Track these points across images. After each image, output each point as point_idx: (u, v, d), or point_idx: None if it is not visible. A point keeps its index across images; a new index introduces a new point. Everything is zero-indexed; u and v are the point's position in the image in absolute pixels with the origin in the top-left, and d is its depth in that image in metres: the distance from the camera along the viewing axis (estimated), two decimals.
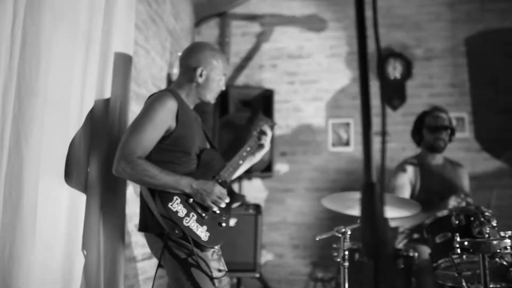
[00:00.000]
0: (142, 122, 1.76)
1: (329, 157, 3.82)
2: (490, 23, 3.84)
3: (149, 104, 1.81)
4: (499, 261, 1.83)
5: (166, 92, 1.85)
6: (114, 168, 1.71)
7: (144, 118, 1.76)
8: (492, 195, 2.60)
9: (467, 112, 3.74)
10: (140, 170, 1.68)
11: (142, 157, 1.71)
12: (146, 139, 1.73)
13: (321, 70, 3.99)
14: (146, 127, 1.73)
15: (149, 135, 1.73)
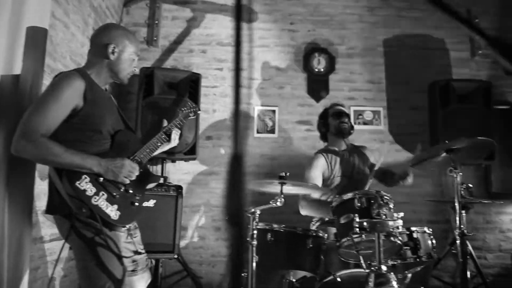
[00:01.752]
0: (46, 100, 1.71)
1: (254, 143, 3.93)
2: (405, 29, 4.16)
3: (54, 83, 1.76)
4: (393, 240, 2.03)
5: (73, 71, 1.82)
6: (13, 147, 1.65)
7: (48, 96, 1.71)
8: (417, 148, 2.87)
9: (382, 107, 4.03)
10: (44, 148, 1.64)
11: (46, 136, 1.66)
12: (50, 117, 1.68)
13: (250, 59, 4.06)
14: (50, 105, 1.68)
15: (53, 113, 1.69)
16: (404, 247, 2.25)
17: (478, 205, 3.87)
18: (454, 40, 4.18)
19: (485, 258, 3.87)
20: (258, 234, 2.37)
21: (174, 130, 2.12)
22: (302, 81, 4.04)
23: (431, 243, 2.37)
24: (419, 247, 2.28)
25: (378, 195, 2.08)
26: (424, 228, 2.39)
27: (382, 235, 1.98)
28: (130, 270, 2.02)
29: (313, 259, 2.35)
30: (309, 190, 2.54)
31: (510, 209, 3.93)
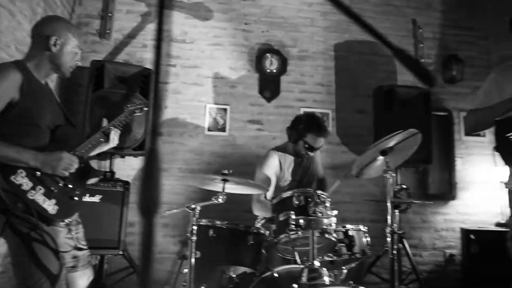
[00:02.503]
0: None
1: (205, 140, 3.96)
2: (355, 34, 4.32)
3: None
4: (328, 236, 2.14)
5: (9, 63, 1.78)
6: None
7: None
8: (334, 184, 2.94)
9: (331, 109, 4.17)
10: None
11: None
12: None
13: (203, 57, 4.09)
14: None
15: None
16: (340, 244, 2.38)
17: (416, 206, 4.10)
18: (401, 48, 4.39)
19: (421, 255, 4.11)
20: (200, 230, 2.42)
21: (113, 130, 2.11)
22: (254, 81, 4.11)
23: (366, 241, 2.50)
24: (354, 244, 2.41)
25: (315, 194, 2.18)
26: (360, 226, 2.51)
27: (317, 232, 2.08)
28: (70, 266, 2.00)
29: (253, 255, 2.41)
30: (256, 189, 2.59)
31: (444, 210, 4.19)
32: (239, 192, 2.46)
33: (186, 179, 2.31)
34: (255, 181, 2.69)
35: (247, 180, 2.29)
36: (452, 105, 4.35)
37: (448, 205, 4.21)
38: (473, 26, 4.57)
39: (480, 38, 4.54)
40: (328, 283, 1.96)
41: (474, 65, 4.44)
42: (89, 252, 2.15)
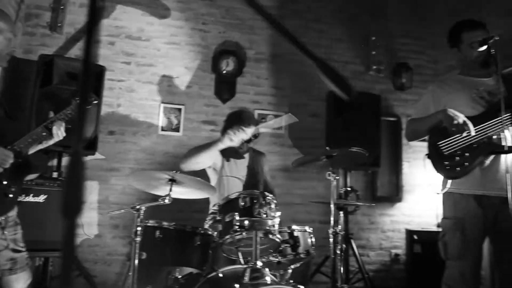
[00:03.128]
0: None
1: (158, 140, 3.92)
2: (311, 39, 4.41)
3: None
4: (272, 237, 2.18)
5: None
6: None
7: None
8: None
9: (285, 112, 4.23)
10: None
11: None
12: None
13: (159, 55, 4.05)
14: None
15: None
16: (285, 244, 2.43)
17: (364, 207, 4.24)
18: (353, 54, 4.54)
19: (368, 255, 4.26)
20: (146, 231, 2.40)
21: (56, 124, 2.05)
22: (210, 82, 4.11)
23: (311, 241, 2.57)
24: (298, 245, 2.47)
25: (261, 195, 2.22)
26: (305, 227, 2.58)
27: (260, 233, 2.11)
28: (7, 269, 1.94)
29: (200, 256, 2.42)
30: (204, 190, 2.59)
31: (391, 211, 4.37)
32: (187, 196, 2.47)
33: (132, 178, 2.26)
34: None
35: (195, 177, 2.28)
36: (401, 111, 4.53)
37: (394, 207, 4.38)
38: (422, 37, 4.78)
39: (428, 48, 4.75)
40: (269, 283, 2.00)
41: (422, 73, 4.65)
42: (28, 254, 2.09)
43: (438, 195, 2.31)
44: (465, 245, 2.22)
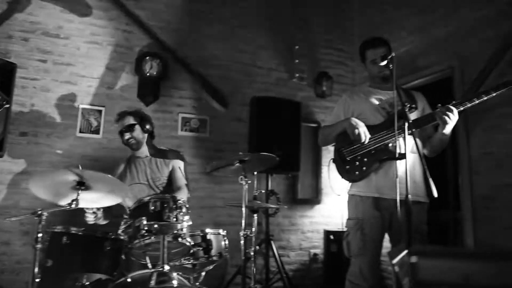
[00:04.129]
0: None
1: (75, 143, 3.78)
2: (237, 44, 4.50)
3: None
4: (182, 241, 2.21)
5: None
6: None
7: None
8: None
9: (209, 116, 4.27)
10: None
11: None
12: None
13: (78, 55, 3.91)
14: None
15: None
16: (197, 247, 2.47)
17: (285, 210, 4.39)
18: (278, 62, 4.69)
19: (288, 256, 4.41)
20: (53, 237, 2.33)
21: None
22: (133, 84, 4.04)
23: (224, 244, 2.63)
24: (211, 248, 2.52)
25: (172, 199, 2.24)
26: (219, 230, 2.64)
27: (169, 237, 2.13)
28: None
29: (110, 262, 2.39)
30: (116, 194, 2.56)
31: (311, 213, 4.56)
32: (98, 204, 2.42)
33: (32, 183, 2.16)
34: None
35: (105, 174, 2.20)
36: (322, 117, 4.75)
37: (314, 209, 4.58)
38: (342, 48, 5.06)
39: (348, 59, 5.04)
40: (176, 286, 2.02)
41: (341, 82, 4.91)
42: None
43: (339, 196, 2.46)
44: (364, 243, 2.39)
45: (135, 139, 3.08)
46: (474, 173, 3.64)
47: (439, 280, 0.65)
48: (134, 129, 3.09)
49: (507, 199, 3.37)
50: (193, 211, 3.73)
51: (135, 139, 3.08)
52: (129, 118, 3.11)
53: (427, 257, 0.67)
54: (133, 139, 3.08)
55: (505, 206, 3.37)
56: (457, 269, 0.64)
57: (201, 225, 2.87)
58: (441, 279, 0.65)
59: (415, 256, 0.66)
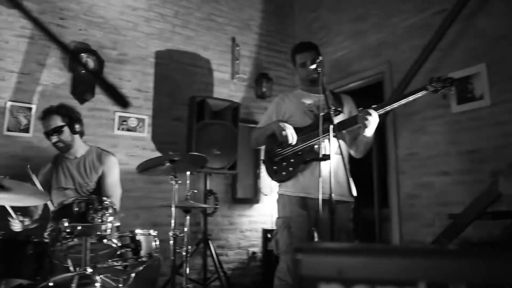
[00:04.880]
0: None
1: (2, 141, 3.60)
2: (177, 44, 4.48)
3: None
4: (107, 242, 2.18)
5: None
6: None
7: None
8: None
9: (148, 115, 4.22)
10: None
11: None
12: None
13: (7, 49, 3.72)
14: None
15: None
16: (126, 248, 2.44)
17: (224, 209, 4.44)
18: (219, 62, 4.72)
19: (227, 255, 4.45)
20: None
21: None
22: (67, 81, 3.91)
23: (155, 245, 2.62)
24: (140, 249, 2.50)
25: (97, 200, 2.20)
26: (150, 231, 2.62)
27: (93, 238, 2.09)
28: None
29: (33, 266, 2.30)
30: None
31: (249, 212, 4.63)
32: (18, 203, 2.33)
33: None
34: None
35: (23, 183, 2.15)
36: None
37: (253, 208, 4.66)
38: (283, 50, 5.17)
39: (288, 61, 5.13)
40: None
41: (281, 84, 5.03)
42: None
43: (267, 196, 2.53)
44: (291, 241, 2.47)
45: (64, 143, 2.90)
46: (400, 173, 3.86)
47: (318, 274, 0.71)
48: (62, 131, 2.88)
49: (427, 197, 3.62)
50: (129, 211, 3.75)
51: (63, 142, 2.89)
52: (56, 119, 2.88)
53: (308, 253, 0.73)
54: (61, 142, 2.89)
55: (426, 204, 3.61)
56: (333, 263, 0.70)
57: (137, 225, 2.85)
58: (319, 273, 0.71)
59: (299, 253, 0.72)
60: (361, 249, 0.74)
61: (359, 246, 0.74)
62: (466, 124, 3.39)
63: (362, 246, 0.75)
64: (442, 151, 3.54)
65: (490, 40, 3.27)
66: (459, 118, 3.44)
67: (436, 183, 3.56)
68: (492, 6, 3.28)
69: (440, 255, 0.66)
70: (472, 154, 3.34)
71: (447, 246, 0.57)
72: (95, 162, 3.01)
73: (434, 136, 3.61)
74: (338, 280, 0.67)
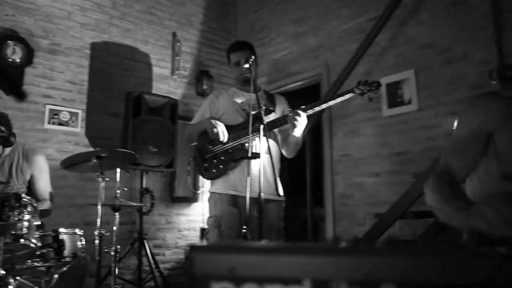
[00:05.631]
0: None
1: None
2: (114, 36, 4.32)
3: None
4: (25, 242, 2.05)
5: None
6: None
7: None
8: None
9: (81, 109, 4.03)
10: None
11: None
12: None
13: None
14: None
15: None
16: (47, 248, 2.31)
17: (162, 208, 4.35)
18: (158, 57, 4.61)
19: (164, 254, 4.36)
20: None
21: None
22: None
23: (80, 244, 2.50)
24: (63, 249, 2.38)
25: (14, 197, 2.06)
26: (76, 230, 2.50)
27: (8, 238, 1.97)
28: None
29: None
30: None
31: (187, 211, 4.57)
32: None
33: None
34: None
35: None
36: None
37: (191, 207, 4.60)
38: (225, 48, 5.10)
39: None
40: None
41: (222, 82, 5.01)
42: None
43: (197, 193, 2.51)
44: (221, 240, 2.46)
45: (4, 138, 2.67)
46: (335, 173, 3.98)
47: (210, 273, 0.70)
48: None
49: (359, 197, 3.76)
50: (61, 210, 3.56)
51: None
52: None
53: (201, 252, 0.71)
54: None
55: (358, 203, 3.76)
56: (224, 262, 0.69)
57: (69, 224, 2.72)
58: (211, 272, 0.70)
59: (193, 252, 0.70)
60: (251, 247, 0.74)
61: (249, 244, 0.74)
62: (395, 127, 3.56)
63: (253, 244, 0.75)
64: (373, 153, 3.70)
65: (418, 47, 3.46)
66: (389, 122, 3.60)
67: (367, 184, 3.71)
68: (420, 16, 3.47)
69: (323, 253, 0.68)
70: (400, 156, 3.52)
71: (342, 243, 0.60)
72: (22, 163, 2.82)
73: (366, 138, 3.76)
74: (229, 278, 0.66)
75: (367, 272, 0.64)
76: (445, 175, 1.23)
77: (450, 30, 3.27)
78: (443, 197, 1.12)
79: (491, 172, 1.20)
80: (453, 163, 1.29)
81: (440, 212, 1.15)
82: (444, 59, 3.28)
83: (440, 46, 3.32)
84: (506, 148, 1.16)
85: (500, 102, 1.20)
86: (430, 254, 0.62)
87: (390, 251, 0.65)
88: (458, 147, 1.31)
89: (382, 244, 0.67)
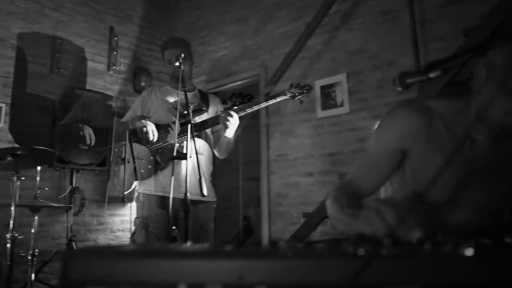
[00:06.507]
0: None
1: None
2: (45, 27, 4.10)
3: None
4: None
5: None
6: None
7: None
8: None
9: (6, 103, 3.78)
10: None
11: None
12: None
13: None
14: None
15: None
16: None
17: (93, 208, 4.18)
18: (94, 52, 4.43)
19: None
20: None
21: None
22: None
23: None
24: None
25: None
26: None
27: None
28: None
29: None
30: None
31: (121, 211, 4.43)
32: None
33: None
34: None
35: None
36: None
37: (126, 207, 4.47)
38: None
39: None
40: None
41: (161, 79, 4.90)
42: None
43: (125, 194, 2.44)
44: (148, 242, 2.41)
45: None
46: (271, 173, 4.03)
47: (85, 278, 0.67)
48: None
49: (294, 197, 3.83)
50: None
51: None
52: None
53: (77, 257, 0.68)
54: None
55: (293, 203, 3.83)
56: (101, 266, 0.66)
57: None
58: (87, 277, 0.67)
59: (67, 257, 0.67)
60: (127, 251, 0.72)
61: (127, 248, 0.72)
62: (328, 129, 3.67)
63: (129, 248, 0.74)
64: (308, 153, 3.78)
65: (350, 52, 3.58)
66: (323, 123, 3.71)
67: (301, 183, 3.79)
68: (353, 23, 3.59)
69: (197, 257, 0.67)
70: (333, 157, 3.62)
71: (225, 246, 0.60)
72: None
73: (301, 139, 3.85)
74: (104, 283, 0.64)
75: (241, 275, 0.64)
76: (346, 187, 1.22)
77: (378, 38, 3.42)
78: (340, 206, 1.13)
79: (406, 184, 1.20)
80: (361, 179, 1.26)
81: (338, 221, 1.16)
82: (373, 65, 3.42)
83: (369, 52, 3.46)
84: (419, 165, 1.15)
85: (419, 114, 1.16)
86: (298, 255, 0.64)
87: (263, 253, 0.66)
88: (370, 163, 1.26)
89: (257, 246, 0.68)
